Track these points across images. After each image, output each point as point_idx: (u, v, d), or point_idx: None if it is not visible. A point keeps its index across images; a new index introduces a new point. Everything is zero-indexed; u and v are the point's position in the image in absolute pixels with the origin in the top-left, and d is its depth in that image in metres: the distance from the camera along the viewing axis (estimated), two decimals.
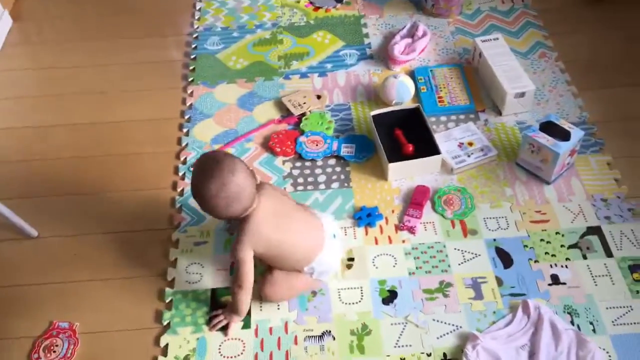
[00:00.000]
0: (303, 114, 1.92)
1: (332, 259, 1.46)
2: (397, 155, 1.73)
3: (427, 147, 1.73)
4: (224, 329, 1.44)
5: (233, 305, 1.43)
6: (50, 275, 1.58)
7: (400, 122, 1.82)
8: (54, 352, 1.43)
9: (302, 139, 1.83)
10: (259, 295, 1.47)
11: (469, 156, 1.75)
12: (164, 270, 1.57)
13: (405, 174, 1.74)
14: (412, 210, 1.65)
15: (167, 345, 1.43)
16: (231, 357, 1.40)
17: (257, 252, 1.37)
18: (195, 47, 2.21)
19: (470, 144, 1.77)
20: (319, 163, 1.80)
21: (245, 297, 1.40)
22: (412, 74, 2.02)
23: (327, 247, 1.44)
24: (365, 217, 1.64)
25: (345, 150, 1.81)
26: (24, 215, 1.63)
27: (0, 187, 1.62)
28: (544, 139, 1.64)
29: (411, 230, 1.61)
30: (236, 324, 1.45)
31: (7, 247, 1.64)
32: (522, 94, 1.85)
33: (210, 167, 1.27)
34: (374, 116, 1.82)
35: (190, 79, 2.09)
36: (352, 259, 1.57)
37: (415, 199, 1.67)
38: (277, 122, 1.92)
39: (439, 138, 1.78)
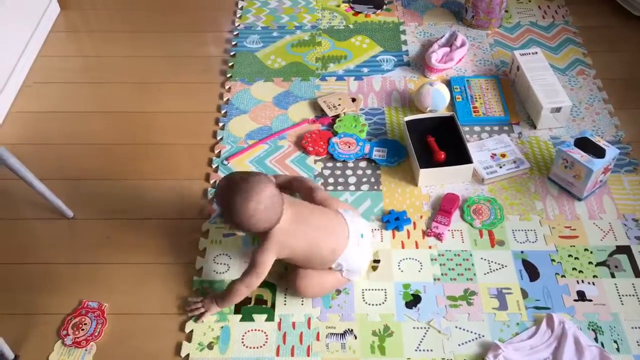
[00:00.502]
0: (337, 116, 1.94)
1: (359, 258, 1.48)
2: (428, 161, 1.74)
3: (459, 156, 1.74)
4: (199, 317, 1.46)
5: (226, 298, 1.44)
6: (83, 256, 1.62)
7: (433, 129, 1.83)
8: (82, 330, 1.46)
9: (334, 139, 1.85)
10: (285, 289, 1.50)
11: (500, 167, 1.75)
12: (193, 258, 1.60)
13: (436, 181, 1.74)
14: (441, 217, 1.65)
15: (192, 331, 1.46)
16: (254, 347, 1.43)
17: (282, 256, 1.42)
18: (235, 44, 2.25)
19: (503, 155, 1.78)
20: (350, 164, 1.81)
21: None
22: (448, 83, 2.03)
23: (352, 245, 1.45)
24: (393, 220, 1.65)
25: (377, 154, 1.82)
26: (61, 196, 1.68)
27: (41, 168, 1.66)
28: (578, 154, 1.64)
29: (438, 237, 1.62)
30: (214, 315, 1.48)
31: (43, 225, 1.69)
32: (558, 109, 1.84)
33: (240, 186, 1.32)
34: (407, 122, 1.83)
35: (228, 75, 2.13)
36: (377, 261, 1.58)
37: (444, 207, 1.67)
38: (310, 122, 1.94)
39: (472, 147, 1.79)
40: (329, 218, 1.47)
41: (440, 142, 1.80)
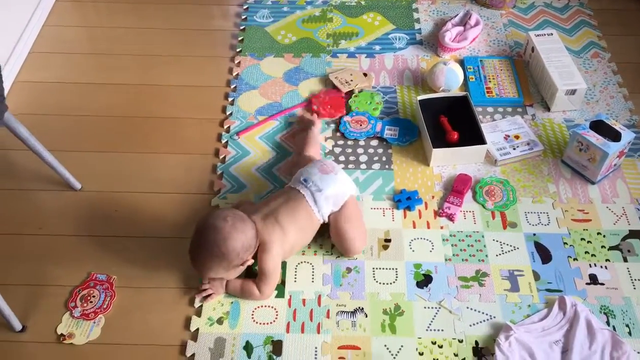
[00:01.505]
0: (351, 92, 1.91)
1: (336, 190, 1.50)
2: (440, 141, 1.72)
3: (472, 136, 1.72)
4: (206, 298, 1.46)
5: (237, 290, 1.45)
6: (91, 229, 1.60)
7: (446, 109, 1.81)
8: (91, 302, 1.45)
9: (346, 118, 1.83)
10: (296, 265, 1.49)
11: (514, 149, 1.73)
12: None
13: (448, 161, 1.73)
14: (453, 197, 1.64)
15: (201, 306, 1.44)
16: (263, 323, 1.42)
17: (283, 252, 1.45)
18: (245, 18, 2.22)
19: (517, 137, 1.76)
20: (361, 143, 1.79)
21: (255, 299, 1.45)
22: (461, 63, 2.00)
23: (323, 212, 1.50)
24: (404, 200, 1.64)
25: (389, 133, 1.80)
26: (69, 168, 1.65)
27: (47, 139, 1.63)
28: (594, 137, 1.62)
29: (450, 217, 1.60)
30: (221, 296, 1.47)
31: (51, 197, 1.67)
32: (573, 92, 1.82)
33: (209, 237, 1.34)
34: (420, 101, 1.80)
35: (238, 50, 2.09)
36: (388, 240, 1.57)
37: (457, 187, 1.66)
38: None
39: (485, 128, 1.76)
40: (291, 205, 1.47)
41: (453, 122, 1.77)
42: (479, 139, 1.70)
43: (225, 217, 1.35)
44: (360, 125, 1.82)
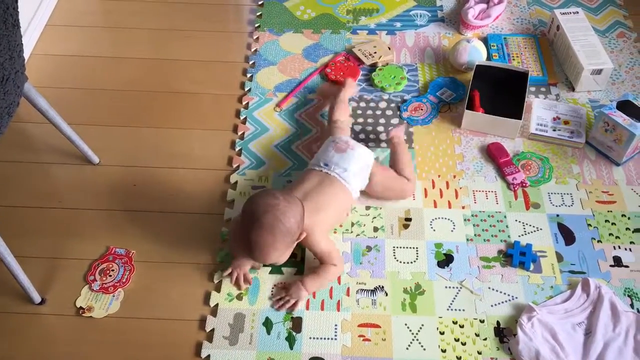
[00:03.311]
0: (374, 64, 1.89)
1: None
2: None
3: (513, 113, 1.69)
4: (292, 308, 1.39)
5: (317, 280, 1.40)
6: (109, 203, 1.60)
7: (503, 80, 1.79)
8: (110, 276, 1.45)
9: (405, 114, 1.78)
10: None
11: (554, 130, 1.70)
12: (221, 209, 1.57)
13: (479, 127, 1.72)
14: (507, 168, 1.62)
15: (220, 282, 1.44)
16: (269, 298, 1.41)
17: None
18: None
19: (567, 122, 1.72)
20: (381, 121, 1.77)
21: (337, 274, 1.43)
22: (484, 40, 1.96)
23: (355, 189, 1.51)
24: (517, 255, 1.47)
25: (445, 96, 1.82)
26: (87, 142, 1.64)
27: (65, 112, 1.61)
28: (621, 117, 1.59)
29: (523, 184, 1.59)
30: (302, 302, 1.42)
31: (69, 170, 1.66)
32: (599, 72, 1.78)
33: (265, 221, 1.29)
34: (478, 66, 1.79)
35: (256, 25, 2.06)
36: (409, 219, 1.55)
37: (500, 157, 1.65)
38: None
39: (541, 103, 1.76)
40: (327, 189, 1.46)
41: (502, 95, 1.76)
42: (518, 115, 1.68)
43: (273, 194, 1.33)
44: (421, 110, 1.79)
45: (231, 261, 1.44)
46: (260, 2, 2.15)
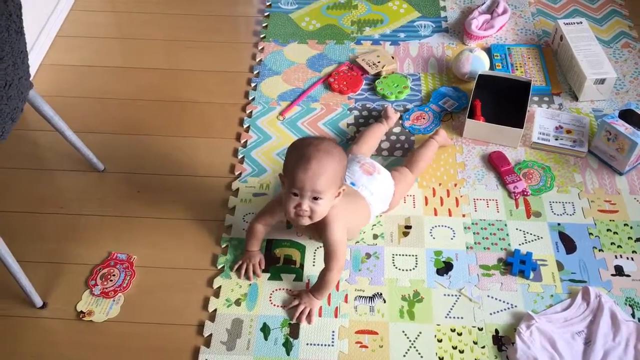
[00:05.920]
0: (378, 73, 1.91)
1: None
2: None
3: (515, 122, 1.70)
4: (309, 317, 1.38)
5: (322, 289, 1.38)
6: (113, 209, 1.62)
7: (506, 89, 1.79)
8: (111, 281, 1.46)
9: (407, 123, 1.79)
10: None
11: (556, 139, 1.70)
12: (222, 216, 1.58)
13: (480, 136, 1.72)
14: (509, 176, 1.62)
15: (219, 287, 1.45)
16: (281, 306, 1.41)
17: (345, 232, 1.39)
18: (270, 4, 2.21)
19: (569, 131, 1.71)
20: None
21: (337, 280, 1.40)
22: (488, 51, 1.97)
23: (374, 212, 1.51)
24: (517, 263, 1.46)
25: (447, 105, 1.82)
26: (93, 149, 1.67)
27: (73, 121, 1.65)
28: (623, 126, 1.58)
29: (525, 193, 1.59)
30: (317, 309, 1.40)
31: (74, 177, 1.69)
32: (602, 81, 1.78)
33: (322, 145, 1.29)
34: (480, 75, 1.79)
35: (262, 36, 2.09)
36: (409, 227, 1.55)
37: (502, 166, 1.65)
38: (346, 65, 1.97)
39: (543, 113, 1.76)
40: (351, 198, 1.44)
41: (505, 104, 1.76)
42: (519, 124, 1.69)
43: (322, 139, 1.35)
44: (423, 119, 1.80)
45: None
46: (266, 14, 2.18)
